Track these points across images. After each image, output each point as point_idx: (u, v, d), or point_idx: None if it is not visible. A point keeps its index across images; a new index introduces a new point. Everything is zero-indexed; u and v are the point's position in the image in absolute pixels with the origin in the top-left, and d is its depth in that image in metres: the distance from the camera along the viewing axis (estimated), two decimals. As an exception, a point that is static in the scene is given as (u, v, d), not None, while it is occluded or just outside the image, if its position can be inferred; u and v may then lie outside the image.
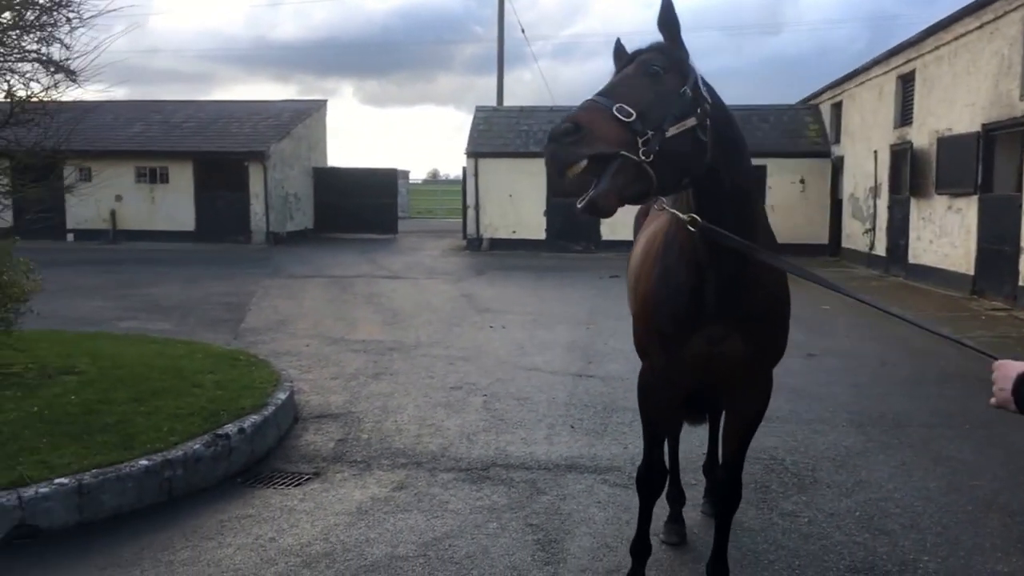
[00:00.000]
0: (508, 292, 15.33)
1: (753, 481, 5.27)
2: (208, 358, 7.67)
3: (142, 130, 28.39)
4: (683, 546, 4.34)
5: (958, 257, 15.00)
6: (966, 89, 14.90)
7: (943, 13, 15.83)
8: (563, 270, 19.26)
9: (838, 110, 23.32)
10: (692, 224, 2.76)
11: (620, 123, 2.45)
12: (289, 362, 8.60)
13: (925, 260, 16.51)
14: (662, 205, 3.11)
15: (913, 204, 17.22)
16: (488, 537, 4.39)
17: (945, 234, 15.65)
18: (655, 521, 4.48)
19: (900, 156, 17.91)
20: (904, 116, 18.27)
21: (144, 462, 4.88)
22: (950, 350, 8.76)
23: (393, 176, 31.59)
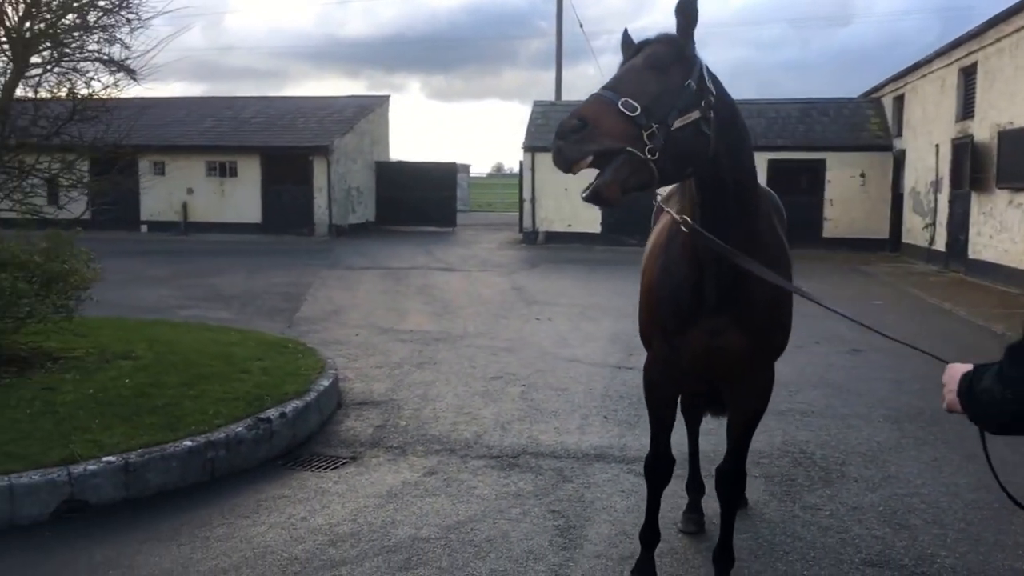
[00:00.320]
0: (558, 285, 15.42)
1: (779, 474, 5.29)
2: (259, 345, 7.96)
3: (213, 125, 29.28)
4: (700, 535, 4.39)
5: (1018, 253, 14.54)
6: (1029, 82, 14.44)
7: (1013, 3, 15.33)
8: (616, 263, 19.23)
9: (900, 103, 22.72)
10: (684, 225, 2.83)
11: (625, 117, 2.49)
12: (338, 351, 8.86)
13: (985, 256, 16.04)
14: (657, 199, 3.18)
15: (974, 199, 16.74)
16: (510, 522, 4.51)
17: (1005, 229, 15.19)
18: (676, 511, 4.58)
19: (961, 150, 17.42)
20: (966, 109, 17.76)
21: (188, 443, 5.14)
22: (998, 347, 8.53)
23: (452, 170, 31.92)
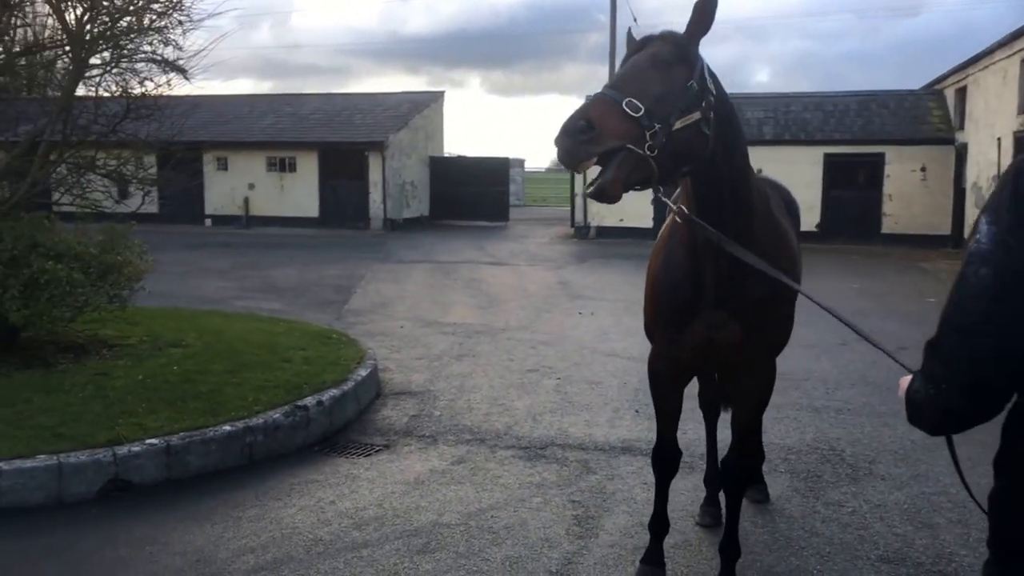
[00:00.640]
0: (605, 280, 15.44)
1: (805, 470, 5.29)
2: (304, 336, 8.21)
3: (274, 122, 29.94)
4: (717, 528, 4.42)
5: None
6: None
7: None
8: (668, 259, 19.13)
9: (962, 95, 22.05)
10: (679, 215, 2.89)
11: (629, 118, 2.55)
12: (381, 342, 9.07)
13: (1048, 253, 15.49)
14: (657, 194, 3.23)
15: (1037, 194, 16.18)
16: (530, 511, 4.62)
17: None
18: (695, 505, 4.63)
19: (1023, 143, 16.87)
20: (1028, 101, 17.19)
21: (227, 427, 5.37)
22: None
23: (506, 165, 32.06)
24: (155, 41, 7.44)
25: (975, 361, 1.39)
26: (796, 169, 22.89)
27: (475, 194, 30.30)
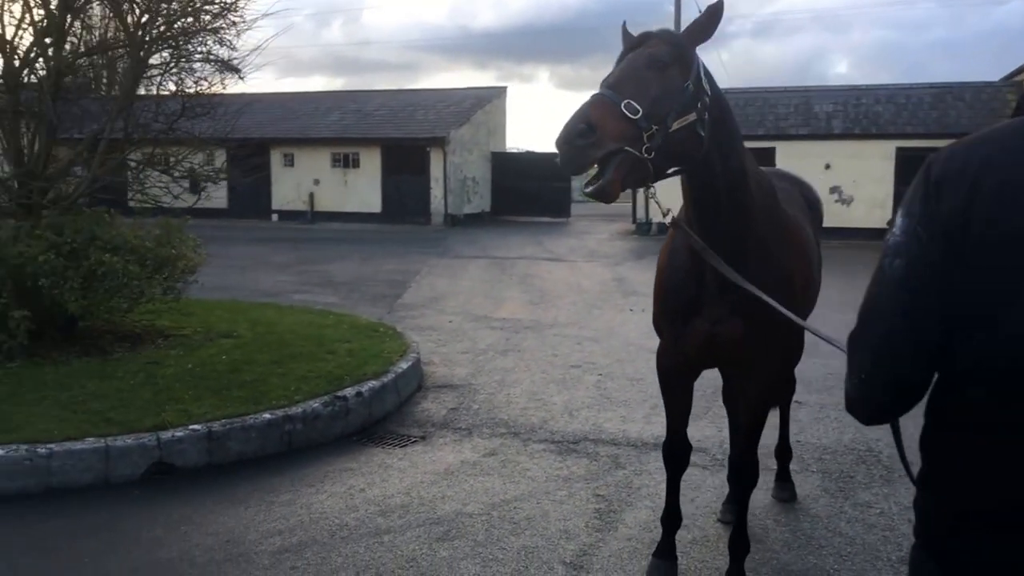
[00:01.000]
0: (661, 276, 15.34)
1: (838, 470, 5.22)
2: (352, 329, 8.41)
3: (339, 118, 30.56)
4: (739, 525, 4.42)
5: None
6: None
7: None
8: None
9: (1045, 86, 21.25)
10: (671, 225, 2.92)
11: (628, 120, 2.60)
12: (428, 336, 9.22)
13: None
14: (654, 193, 3.25)
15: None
16: (553, 503, 4.68)
17: None
18: (718, 502, 4.63)
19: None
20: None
21: (267, 416, 5.56)
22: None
23: (568, 160, 32.03)
24: (210, 41, 7.70)
25: (895, 356, 1.39)
26: (866, 164, 22.35)
27: (537, 189, 30.38)
